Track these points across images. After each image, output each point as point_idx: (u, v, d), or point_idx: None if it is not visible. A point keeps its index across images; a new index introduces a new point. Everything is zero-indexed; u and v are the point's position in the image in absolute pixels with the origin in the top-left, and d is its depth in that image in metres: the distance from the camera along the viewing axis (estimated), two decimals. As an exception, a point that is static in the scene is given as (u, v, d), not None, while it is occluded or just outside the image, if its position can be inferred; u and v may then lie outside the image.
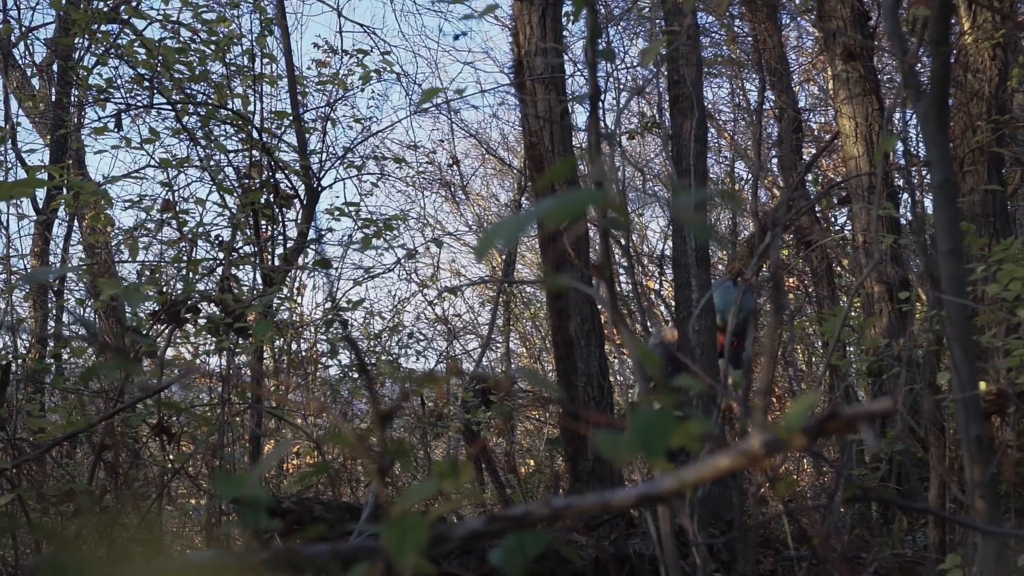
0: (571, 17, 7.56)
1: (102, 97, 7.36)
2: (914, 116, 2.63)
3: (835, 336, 3.01)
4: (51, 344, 7.96)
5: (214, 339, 6.06)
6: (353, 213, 7.81)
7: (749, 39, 11.61)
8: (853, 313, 8.17)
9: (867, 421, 1.17)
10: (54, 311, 8.93)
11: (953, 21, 7.23)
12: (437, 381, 1.49)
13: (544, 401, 10.52)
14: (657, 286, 13.88)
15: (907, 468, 5.34)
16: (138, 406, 5.29)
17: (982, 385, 4.44)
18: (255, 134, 7.27)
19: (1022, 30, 6.75)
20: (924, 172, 6.85)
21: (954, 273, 2.65)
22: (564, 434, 6.96)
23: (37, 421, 5.56)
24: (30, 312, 9.26)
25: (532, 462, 10.80)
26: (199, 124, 7.42)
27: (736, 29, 12.18)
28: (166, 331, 5.89)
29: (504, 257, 13.11)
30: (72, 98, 9.43)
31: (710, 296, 7.07)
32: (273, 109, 8.09)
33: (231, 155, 7.46)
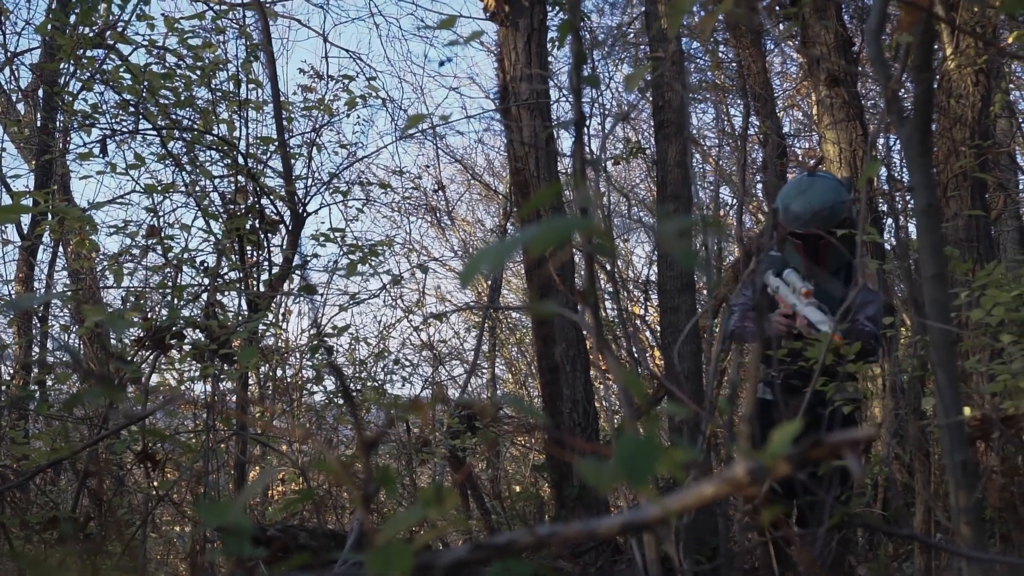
0: (556, 43, 7.58)
1: (87, 123, 7.35)
2: (898, 142, 2.63)
3: (820, 362, 3.01)
4: (35, 370, 7.94)
5: (199, 365, 6.04)
6: (339, 239, 7.81)
7: (733, 65, 11.65)
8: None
9: (851, 448, 1.17)
10: (38, 337, 8.91)
11: (936, 47, 7.27)
12: (422, 408, 1.49)
13: (530, 427, 10.51)
14: (643, 311, 13.90)
15: (892, 493, 5.34)
16: (122, 433, 5.28)
17: (967, 410, 4.44)
18: (240, 160, 7.27)
19: (1004, 56, 6.78)
20: (908, 197, 6.87)
21: (938, 298, 2.65)
22: (550, 460, 6.95)
23: (21, 448, 5.54)
24: (14, 338, 9.24)
25: (518, 488, 10.78)
26: (184, 150, 7.42)
27: (720, 55, 12.22)
28: (151, 357, 5.87)
29: (489, 283, 13.12)
30: (57, 123, 9.42)
31: (695, 322, 7.07)
32: (259, 134, 8.09)
33: (216, 181, 7.46)
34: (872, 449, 6.03)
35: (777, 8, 8.76)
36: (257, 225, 7.14)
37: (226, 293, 7.04)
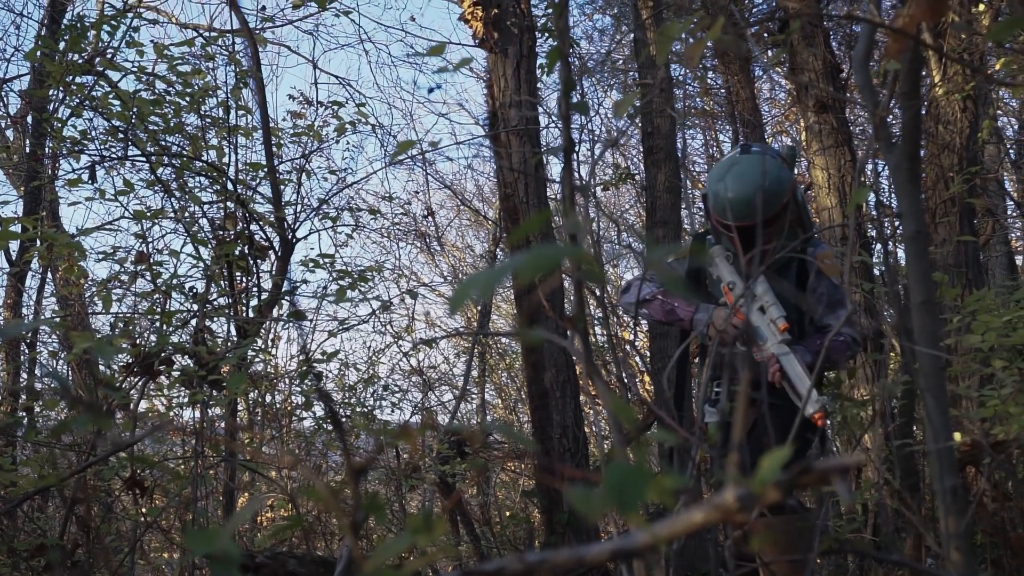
0: (545, 70, 7.60)
1: (76, 149, 7.35)
2: (886, 168, 2.64)
3: (809, 388, 3.01)
4: (23, 397, 7.91)
5: (187, 392, 6.03)
6: (328, 265, 7.80)
7: (722, 91, 11.69)
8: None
9: (840, 474, 1.17)
10: (26, 363, 8.88)
11: (924, 74, 7.30)
12: (411, 435, 1.49)
13: (520, 453, 10.49)
14: (632, 337, 13.90)
15: (883, 519, 5.34)
16: (111, 459, 5.26)
17: (957, 436, 4.45)
18: (230, 186, 7.26)
19: (992, 83, 6.81)
20: (896, 223, 6.89)
21: (927, 324, 2.65)
22: (539, 486, 6.93)
23: (8, 475, 5.51)
24: (2, 365, 9.21)
25: (508, 513, 10.76)
26: (174, 176, 7.41)
27: (709, 81, 12.26)
28: (139, 383, 5.86)
29: (479, 308, 13.11)
30: (46, 150, 9.42)
31: (685, 347, 7.06)
32: (248, 161, 8.09)
33: (205, 207, 7.45)
34: (862, 474, 6.03)
35: (765, 35, 8.80)
36: (246, 251, 7.13)
37: (215, 319, 7.03)
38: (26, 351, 8.90)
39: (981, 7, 7.26)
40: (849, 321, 4.64)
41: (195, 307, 6.82)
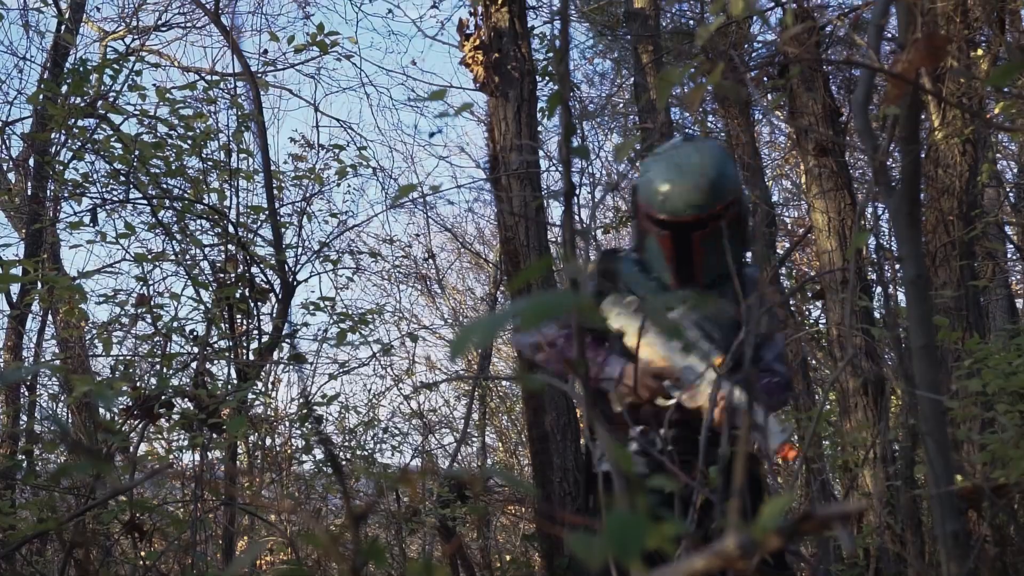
0: (546, 113, 7.62)
1: (78, 191, 7.37)
2: (886, 211, 2.65)
3: (810, 433, 3.01)
4: (22, 440, 7.89)
5: (187, 435, 6.02)
6: (328, 308, 7.80)
7: (722, 135, 11.72)
8: (828, 407, 8.17)
9: (841, 521, 1.17)
10: (26, 406, 8.87)
11: (923, 117, 7.32)
12: (411, 479, 1.48)
13: (520, 497, 10.45)
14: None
15: (884, 563, 5.32)
16: (110, 503, 5.24)
17: (958, 480, 4.43)
18: (231, 228, 7.27)
19: (991, 127, 6.84)
20: (897, 266, 6.91)
21: (927, 368, 2.65)
22: (540, 531, 6.91)
23: (7, 518, 5.49)
24: (2, 407, 9.19)
25: (508, 557, 10.71)
26: (175, 219, 7.42)
27: (709, 124, 12.30)
28: (139, 426, 5.85)
29: (480, 352, 13.09)
30: (48, 192, 9.44)
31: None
32: (249, 203, 8.11)
33: (207, 249, 7.46)
34: (864, 519, 6.01)
35: (765, 79, 8.83)
36: (247, 294, 7.13)
37: (215, 362, 7.03)
38: (26, 394, 8.89)
39: (979, 52, 7.29)
40: (782, 359, 3.97)
41: (195, 350, 6.81)
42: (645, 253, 3.90)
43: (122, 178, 7.15)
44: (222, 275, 7.23)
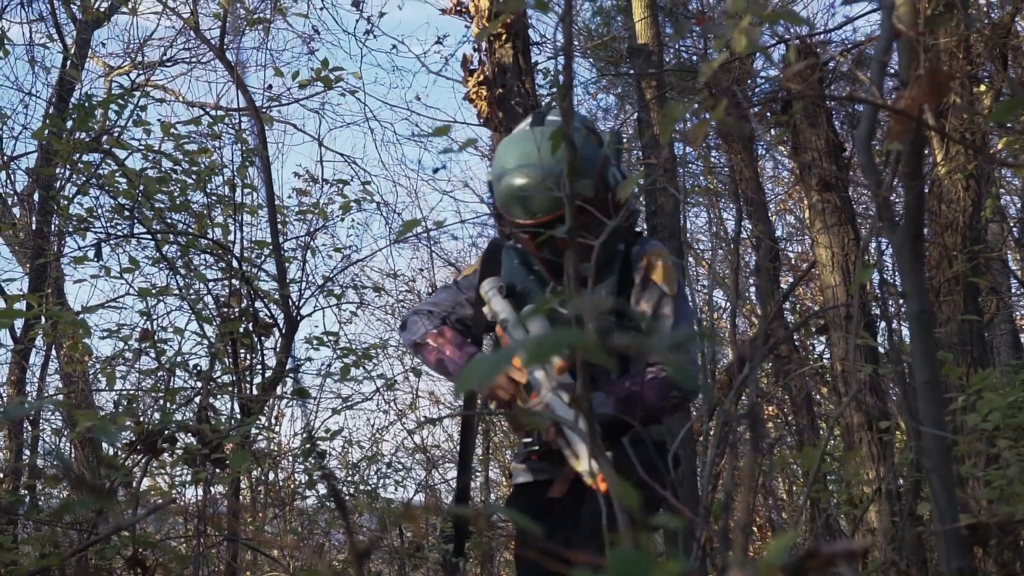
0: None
1: (82, 226, 7.38)
2: (889, 246, 2.65)
3: (814, 469, 3.00)
4: (25, 475, 7.88)
5: (190, 470, 6.01)
6: (332, 342, 7.80)
7: (726, 170, 11.75)
8: (833, 442, 8.15)
9: (847, 559, 1.16)
10: (28, 441, 8.86)
11: (926, 153, 7.34)
12: (414, 515, 1.48)
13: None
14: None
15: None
16: (112, 538, 5.23)
17: (963, 517, 4.42)
18: (235, 263, 7.28)
19: (994, 163, 6.84)
20: (900, 301, 6.90)
21: (932, 404, 2.65)
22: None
23: (9, 554, 5.48)
24: (4, 442, 9.18)
25: (512, 593, 10.67)
26: (179, 253, 7.43)
27: (712, 159, 12.32)
28: (142, 461, 5.84)
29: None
30: (52, 227, 9.45)
31: (689, 426, 7.03)
32: (253, 238, 8.12)
33: (211, 284, 7.46)
34: (869, 556, 5.99)
35: (768, 114, 8.86)
36: (251, 328, 7.13)
37: (219, 397, 7.02)
38: (29, 429, 8.88)
39: (982, 87, 7.31)
40: (679, 349, 3.33)
41: (199, 385, 6.81)
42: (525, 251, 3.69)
43: (126, 213, 7.16)
44: (226, 310, 7.23)
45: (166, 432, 5.59)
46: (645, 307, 3.50)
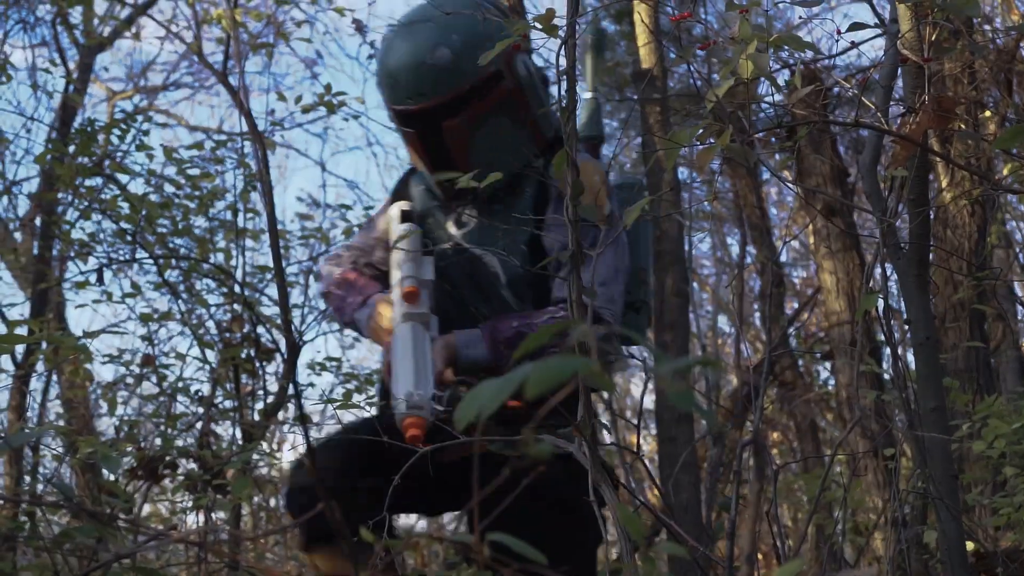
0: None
1: (84, 251, 7.37)
2: (894, 271, 2.64)
3: (818, 497, 2.98)
4: (25, 502, 7.85)
5: (192, 496, 5.98)
6: (334, 368, 7.79)
7: (730, 194, 11.75)
8: (838, 469, 8.11)
9: (857, 593, 1.14)
10: (29, 467, 8.83)
11: (931, 178, 7.32)
12: (417, 543, 1.46)
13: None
14: (639, 440, 13.79)
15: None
16: (113, 565, 5.19)
17: (970, 545, 4.39)
18: (237, 288, 7.27)
19: (999, 189, 6.83)
20: (905, 327, 6.88)
21: (938, 431, 2.62)
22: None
23: (9, 581, 5.45)
24: (5, 468, 9.15)
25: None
26: (181, 278, 7.42)
27: (717, 184, 12.32)
28: (143, 487, 5.81)
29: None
30: (54, 252, 9.44)
31: (691, 450, 7.00)
32: (256, 263, 8.11)
33: (212, 309, 7.45)
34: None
35: (773, 139, 8.85)
36: (253, 354, 7.11)
37: (220, 422, 7.00)
38: (29, 454, 8.85)
39: (987, 113, 7.30)
40: (609, 284, 2.84)
41: (200, 410, 6.79)
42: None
43: (128, 238, 7.15)
44: (228, 335, 7.22)
45: (167, 458, 5.57)
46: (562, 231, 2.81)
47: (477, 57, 2.57)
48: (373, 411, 3.35)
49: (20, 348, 9.32)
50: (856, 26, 2.34)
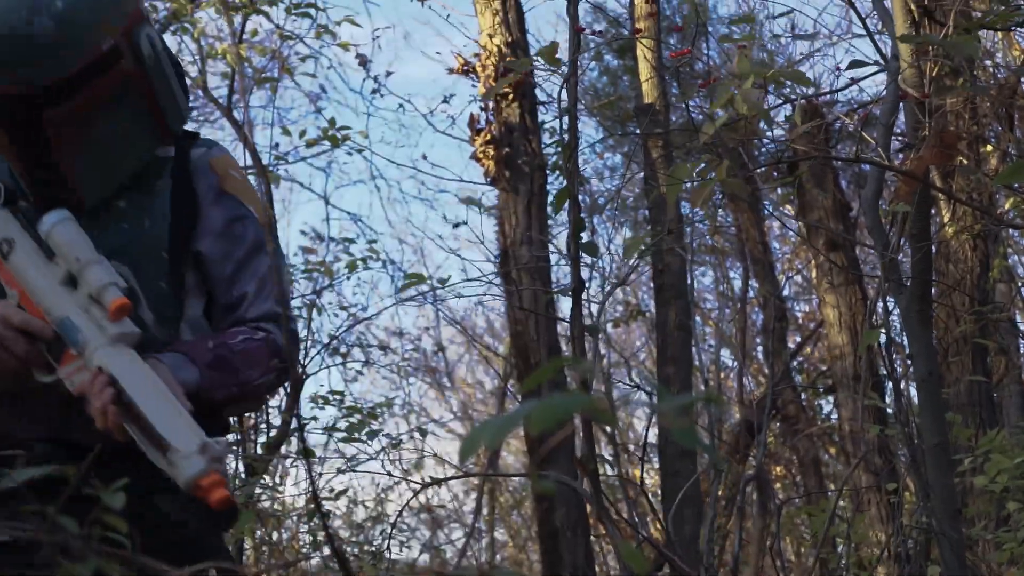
0: (554, 207, 7.63)
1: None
2: (897, 305, 2.65)
3: (824, 531, 2.99)
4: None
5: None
6: (337, 402, 7.78)
7: (732, 229, 11.76)
8: (842, 503, 8.10)
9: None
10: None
11: (932, 212, 7.34)
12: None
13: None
14: (642, 473, 13.77)
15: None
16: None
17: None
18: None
19: (1000, 224, 6.84)
20: (909, 362, 6.87)
21: (941, 467, 2.63)
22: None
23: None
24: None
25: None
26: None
27: (719, 218, 12.33)
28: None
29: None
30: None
31: (694, 483, 7.00)
32: (259, 297, 8.11)
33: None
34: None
35: (775, 174, 8.88)
36: (256, 388, 7.11)
37: (224, 456, 6.99)
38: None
39: (988, 148, 7.32)
40: (268, 296, 2.35)
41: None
42: None
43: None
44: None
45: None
46: (223, 229, 2.35)
47: (89, 29, 2.08)
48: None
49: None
50: (856, 63, 2.36)
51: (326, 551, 8.03)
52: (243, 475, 6.82)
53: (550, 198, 7.28)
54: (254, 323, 2.30)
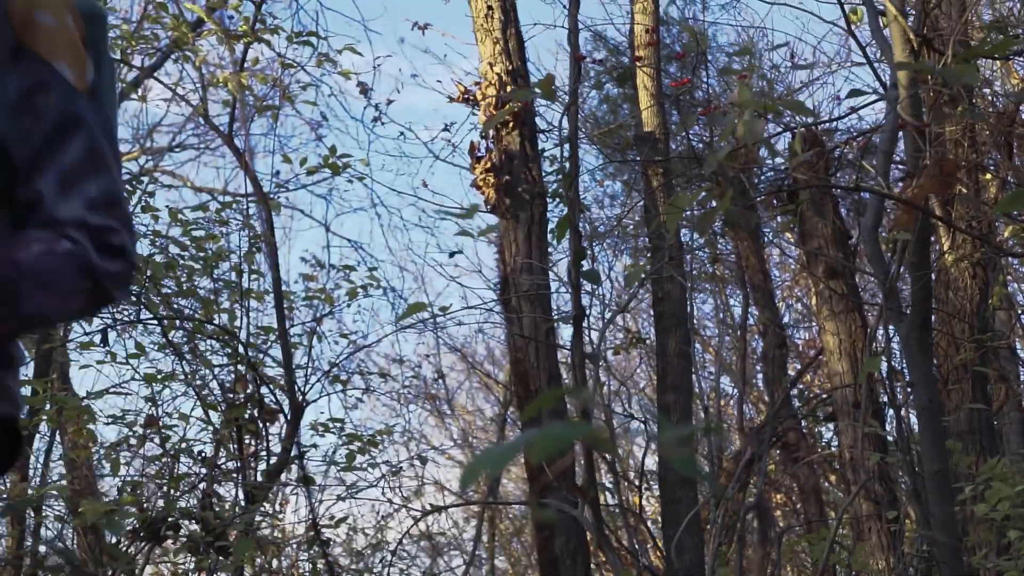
0: (556, 235, 7.63)
1: (89, 312, 7.38)
2: (897, 333, 2.66)
3: (824, 559, 2.98)
4: (27, 563, 7.82)
5: (194, 557, 5.97)
6: (337, 429, 7.77)
7: (732, 257, 11.77)
8: (843, 531, 8.09)
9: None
10: (31, 528, 8.80)
11: (932, 239, 7.35)
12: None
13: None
14: (642, 501, 13.75)
15: None
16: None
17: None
18: (241, 349, 7.28)
19: (1000, 252, 6.86)
20: (909, 389, 6.87)
21: (941, 495, 2.62)
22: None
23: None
24: (7, 529, 9.12)
25: None
26: (185, 339, 7.43)
27: (719, 246, 12.34)
28: (145, 549, 5.80)
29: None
30: (59, 312, 9.43)
31: (695, 513, 6.99)
32: (260, 324, 8.12)
33: (216, 370, 7.46)
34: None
35: (775, 202, 8.90)
36: (256, 414, 7.12)
37: (223, 483, 6.99)
38: (32, 514, 8.83)
39: (988, 176, 7.34)
40: (107, 203, 1.69)
41: (203, 471, 6.78)
42: None
43: (133, 299, 7.17)
44: (231, 396, 7.23)
45: (170, 519, 5.57)
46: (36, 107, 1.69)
47: None
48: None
49: (24, 408, 9.30)
50: (855, 92, 2.37)
51: (326, 579, 8.01)
52: (243, 502, 6.81)
53: (550, 226, 7.30)
54: (61, 228, 1.65)
